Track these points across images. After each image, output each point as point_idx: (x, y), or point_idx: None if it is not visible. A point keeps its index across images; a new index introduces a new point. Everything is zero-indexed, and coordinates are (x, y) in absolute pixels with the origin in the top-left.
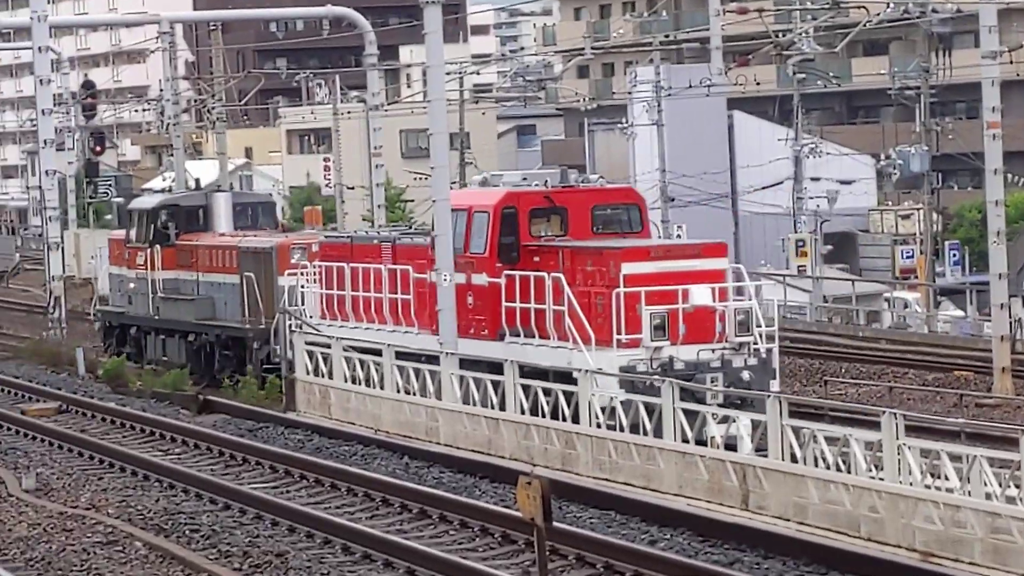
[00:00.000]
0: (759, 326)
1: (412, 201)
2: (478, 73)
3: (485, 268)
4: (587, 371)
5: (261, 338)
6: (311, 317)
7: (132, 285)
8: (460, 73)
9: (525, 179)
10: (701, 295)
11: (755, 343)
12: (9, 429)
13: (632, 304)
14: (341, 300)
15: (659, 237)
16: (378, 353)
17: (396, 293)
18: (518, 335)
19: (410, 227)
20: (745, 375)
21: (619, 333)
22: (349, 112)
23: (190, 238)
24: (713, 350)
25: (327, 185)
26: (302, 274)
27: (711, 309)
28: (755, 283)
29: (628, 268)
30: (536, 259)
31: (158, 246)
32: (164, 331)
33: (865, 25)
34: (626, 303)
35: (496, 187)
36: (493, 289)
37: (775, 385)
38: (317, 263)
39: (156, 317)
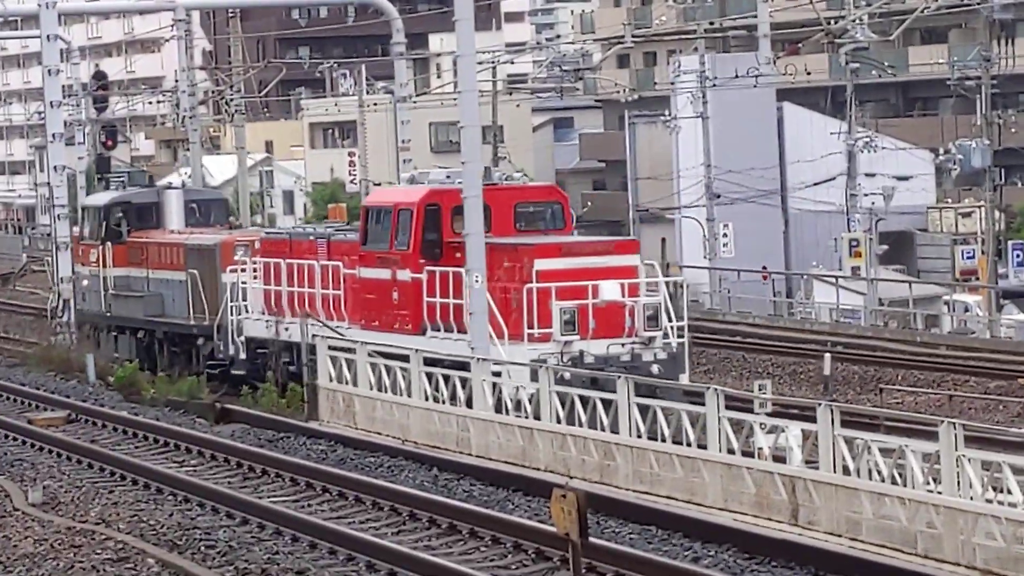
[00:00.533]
0: (670, 321)
1: None
2: (512, 62)
3: (409, 264)
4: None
5: (205, 334)
6: (252, 312)
7: (85, 282)
8: (493, 63)
9: (449, 177)
10: (611, 291)
11: (665, 337)
12: (15, 439)
13: (545, 299)
14: (279, 295)
15: (706, 238)
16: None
17: (328, 288)
18: (439, 329)
19: (348, 223)
20: (655, 369)
21: (531, 327)
22: (375, 104)
23: (141, 235)
24: (623, 344)
25: (352, 181)
26: (242, 270)
27: (621, 304)
28: (668, 278)
29: (540, 264)
30: (458, 255)
31: (110, 243)
32: (116, 328)
33: (922, 12)
34: (538, 298)
35: (422, 184)
36: (416, 285)
37: (684, 378)
38: (258, 259)
39: (108, 314)
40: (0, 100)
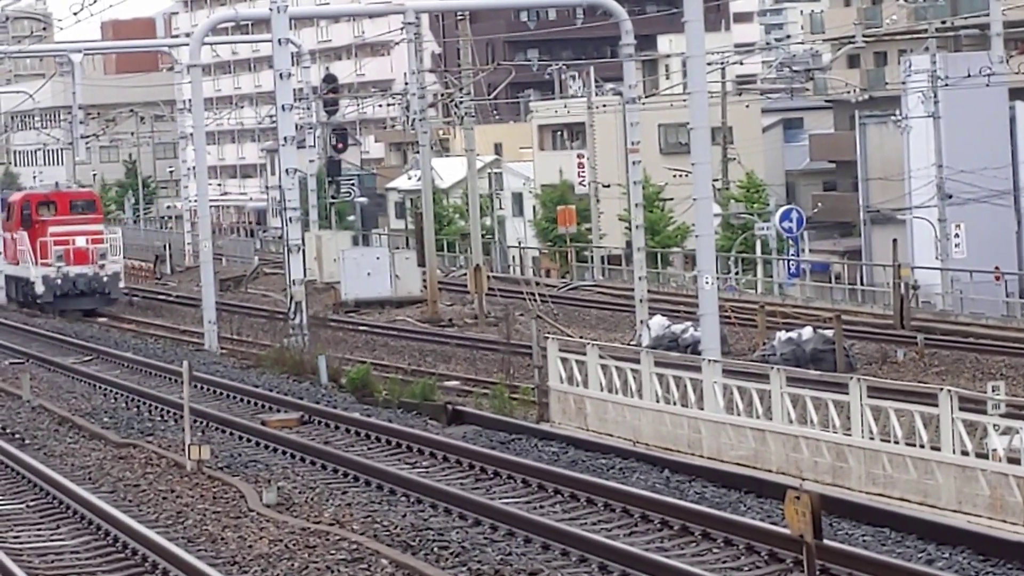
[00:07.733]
0: (115, 257)
1: (671, 200)
2: (741, 63)
3: (14, 230)
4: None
5: None
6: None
7: None
8: (722, 63)
9: (36, 187)
10: (81, 241)
11: (110, 265)
12: (249, 441)
13: (52, 245)
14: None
15: (938, 238)
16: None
17: (5, 245)
18: (25, 263)
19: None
20: (104, 279)
21: (44, 259)
22: (604, 105)
23: None
24: (88, 268)
25: (581, 183)
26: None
27: (86, 249)
28: (114, 236)
29: (52, 229)
30: (37, 226)
31: None
32: None
33: None
34: (50, 245)
35: (24, 191)
36: (16, 241)
37: (121, 285)
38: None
39: None
40: (232, 104)
